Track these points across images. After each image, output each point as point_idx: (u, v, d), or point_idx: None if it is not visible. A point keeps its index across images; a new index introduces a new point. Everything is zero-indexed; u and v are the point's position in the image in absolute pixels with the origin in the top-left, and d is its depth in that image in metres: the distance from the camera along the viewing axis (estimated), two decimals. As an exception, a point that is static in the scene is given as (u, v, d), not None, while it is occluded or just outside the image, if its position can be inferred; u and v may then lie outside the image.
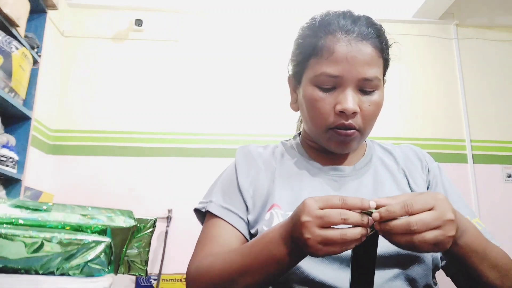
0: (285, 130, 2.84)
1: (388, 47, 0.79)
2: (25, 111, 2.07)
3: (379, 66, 0.76)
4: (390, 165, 0.86)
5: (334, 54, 0.73)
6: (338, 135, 0.76)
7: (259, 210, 0.79)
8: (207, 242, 0.78)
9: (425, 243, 0.55)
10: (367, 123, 0.77)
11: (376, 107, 0.76)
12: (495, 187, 3.07)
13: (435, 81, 3.24)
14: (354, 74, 0.73)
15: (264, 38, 3.18)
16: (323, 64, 0.74)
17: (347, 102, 0.73)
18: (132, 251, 0.68)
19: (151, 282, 2.67)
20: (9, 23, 1.91)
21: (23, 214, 0.55)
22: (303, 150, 0.87)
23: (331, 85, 0.74)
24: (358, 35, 0.74)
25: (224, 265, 0.69)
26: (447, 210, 0.57)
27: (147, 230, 0.71)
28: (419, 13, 3.22)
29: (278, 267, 0.63)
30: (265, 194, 0.80)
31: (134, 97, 3.01)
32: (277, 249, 0.62)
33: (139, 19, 3.07)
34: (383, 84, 0.81)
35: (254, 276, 0.65)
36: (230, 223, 0.78)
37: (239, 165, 0.86)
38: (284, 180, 0.81)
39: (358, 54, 0.73)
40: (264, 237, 0.66)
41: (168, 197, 2.84)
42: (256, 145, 0.91)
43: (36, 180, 2.48)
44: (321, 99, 0.75)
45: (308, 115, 0.80)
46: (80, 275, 0.55)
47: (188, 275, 0.74)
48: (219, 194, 0.83)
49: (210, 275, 0.70)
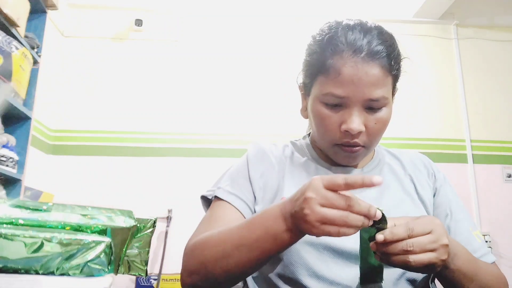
0: (286, 130, 2.84)
1: (398, 62, 0.78)
2: (25, 111, 2.07)
3: (386, 84, 0.75)
4: (397, 170, 0.87)
5: (341, 76, 0.72)
6: (344, 151, 0.77)
7: (267, 203, 0.79)
8: (211, 221, 0.78)
9: (418, 263, 0.58)
10: (373, 140, 0.77)
11: (382, 124, 0.77)
12: (495, 187, 3.07)
13: (435, 81, 3.24)
14: (359, 95, 0.73)
15: (264, 38, 3.18)
16: (329, 84, 0.74)
17: (352, 123, 0.73)
18: (132, 251, 0.68)
19: (151, 282, 2.67)
20: (9, 23, 1.91)
21: (23, 214, 0.55)
22: (312, 150, 0.88)
23: (337, 103, 0.75)
24: (366, 55, 0.72)
25: (220, 238, 0.68)
26: (443, 235, 0.60)
27: (147, 230, 0.71)
28: (419, 13, 3.22)
29: (274, 243, 0.62)
30: (275, 188, 0.81)
31: (134, 97, 3.01)
32: (275, 224, 0.62)
33: (139, 19, 3.07)
34: (395, 93, 0.82)
35: (248, 251, 0.64)
36: (235, 207, 0.79)
37: (251, 158, 0.86)
38: (294, 178, 0.82)
39: (365, 76, 0.72)
40: (264, 212, 0.65)
41: (168, 197, 2.84)
42: (268, 142, 0.91)
43: (36, 180, 2.48)
44: (327, 116, 0.76)
45: (315, 129, 0.80)
46: (80, 275, 0.55)
47: (186, 248, 0.74)
48: (228, 182, 0.83)
49: (207, 246, 0.69)
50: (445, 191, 0.86)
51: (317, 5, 3.07)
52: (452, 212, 0.82)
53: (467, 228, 0.80)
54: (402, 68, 0.80)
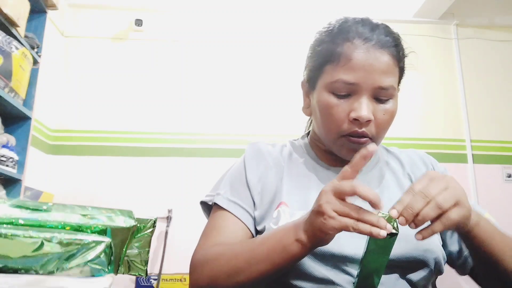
0: (285, 130, 2.84)
1: (404, 56, 0.79)
2: (25, 111, 2.07)
3: (395, 75, 0.76)
4: (396, 169, 0.86)
5: (352, 61, 0.72)
6: (351, 142, 0.75)
7: (266, 207, 0.79)
8: (213, 232, 0.78)
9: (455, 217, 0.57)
10: (380, 132, 0.76)
11: (390, 116, 0.76)
12: (495, 187, 3.07)
13: (435, 81, 3.24)
14: (370, 82, 0.72)
15: (265, 38, 3.18)
16: (339, 71, 0.73)
17: (362, 110, 0.72)
18: (132, 251, 0.68)
19: (151, 282, 2.67)
20: (9, 23, 1.91)
21: (23, 214, 0.55)
22: (311, 150, 0.87)
23: (346, 92, 0.74)
24: (376, 43, 0.73)
25: (232, 254, 0.69)
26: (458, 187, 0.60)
27: (147, 230, 0.71)
28: (419, 13, 3.22)
29: (283, 254, 0.63)
30: (273, 191, 0.80)
31: (134, 97, 3.01)
32: (285, 235, 0.63)
33: (139, 19, 3.07)
34: (397, 92, 0.82)
35: (261, 263, 0.64)
36: (236, 216, 0.78)
37: (248, 160, 0.85)
38: (292, 179, 0.81)
39: (376, 62, 0.72)
40: (279, 228, 0.67)
41: (168, 197, 2.84)
42: (266, 142, 0.91)
43: (36, 180, 2.48)
44: (335, 105, 0.75)
45: (321, 121, 0.79)
46: (80, 275, 0.55)
47: (194, 262, 0.74)
48: (227, 188, 0.83)
49: (218, 263, 0.69)
50: None
51: (317, 5, 3.07)
52: None
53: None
54: (406, 65, 0.80)
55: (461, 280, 0.83)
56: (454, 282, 0.95)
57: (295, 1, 3.12)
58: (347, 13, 0.84)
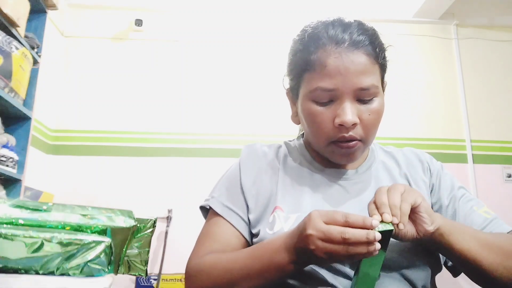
0: (285, 130, 2.84)
1: (383, 51, 0.77)
2: (25, 111, 2.07)
3: (375, 73, 0.74)
4: (392, 169, 0.86)
5: (327, 68, 0.71)
6: (340, 148, 0.75)
7: (261, 210, 0.79)
8: (207, 239, 0.79)
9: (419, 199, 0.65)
10: (369, 132, 0.75)
11: (376, 115, 0.75)
12: (495, 187, 3.07)
13: (435, 81, 3.24)
14: (349, 85, 0.71)
15: (265, 38, 3.18)
16: (317, 79, 0.73)
17: (346, 115, 0.71)
18: (132, 251, 0.68)
19: (151, 282, 2.67)
20: (9, 23, 1.91)
21: (23, 214, 0.55)
22: (306, 151, 0.87)
23: (327, 98, 0.73)
24: (350, 45, 0.71)
25: (227, 266, 0.70)
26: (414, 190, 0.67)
27: (147, 230, 0.71)
28: (419, 13, 3.22)
29: (279, 274, 0.66)
30: (268, 195, 0.80)
31: (134, 97, 3.01)
32: (280, 257, 0.65)
33: (139, 19, 3.07)
34: (384, 87, 0.81)
35: (254, 280, 0.67)
36: (230, 223, 0.79)
37: (243, 164, 0.85)
38: (287, 182, 0.81)
39: (351, 64, 0.71)
40: (270, 243, 0.68)
41: (168, 197, 2.83)
42: (262, 144, 0.90)
43: (36, 180, 2.48)
44: (319, 113, 0.74)
45: (308, 130, 0.79)
46: (80, 275, 0.55)
47: (188, 271, 0.76)
48: (222, 191, 0.83)
49: (213, 275, 0.71)
50: (444, 180, 0.84)
51: (317, 5, 3.07)
52: (456, 196, 0.82)
53: (471, 208, 0.80)
54: (388, 58, 0.79)
55: (461, 280, 0.83)
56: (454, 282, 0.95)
57: (295, 1, 3.13)
58: (346, 13, 0.83)
